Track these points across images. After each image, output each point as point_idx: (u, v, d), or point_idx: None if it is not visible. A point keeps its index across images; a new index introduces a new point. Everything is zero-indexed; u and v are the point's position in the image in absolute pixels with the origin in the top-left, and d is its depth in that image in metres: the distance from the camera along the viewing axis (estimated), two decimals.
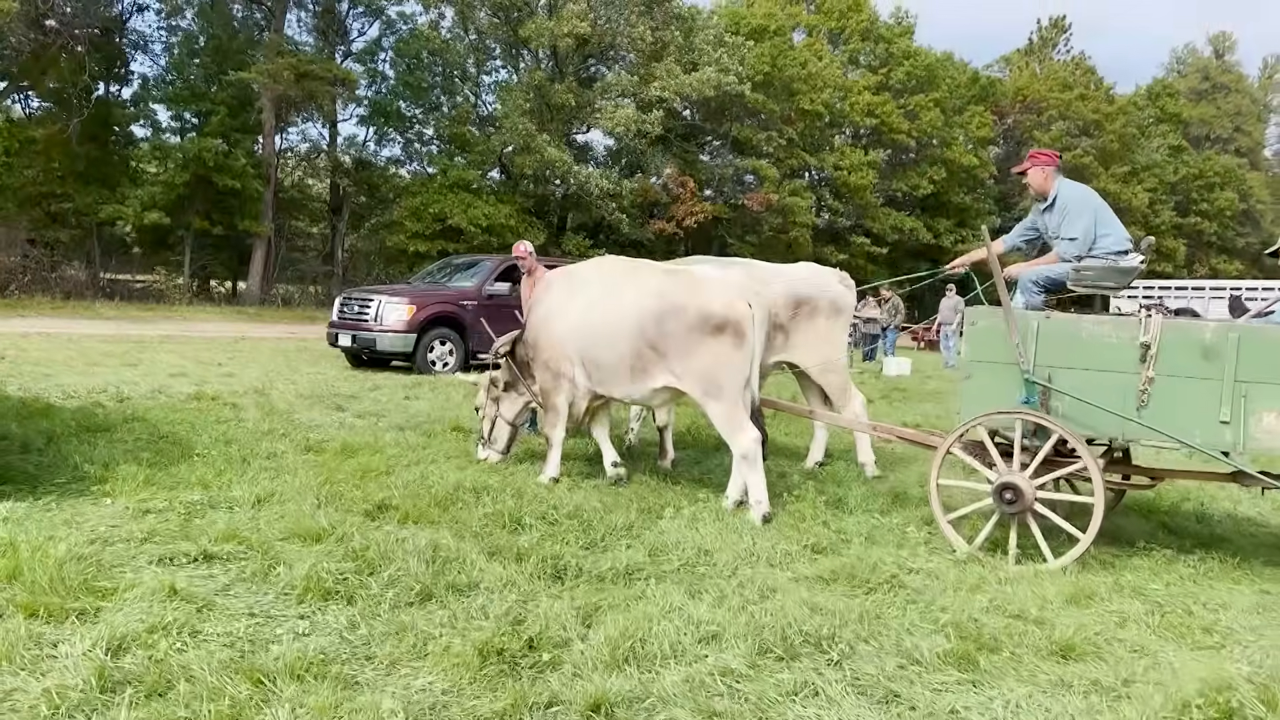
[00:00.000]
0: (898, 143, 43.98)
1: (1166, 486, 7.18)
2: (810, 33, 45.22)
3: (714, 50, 35.34)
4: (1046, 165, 6.26)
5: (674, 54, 34.87)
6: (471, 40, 36.26)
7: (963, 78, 49.99)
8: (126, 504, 5.52)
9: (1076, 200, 6.07)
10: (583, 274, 7.29)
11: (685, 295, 6.43)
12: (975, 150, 47.25)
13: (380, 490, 6.06)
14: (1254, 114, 61.19)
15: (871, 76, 44.57)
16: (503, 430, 7.51)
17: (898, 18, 48.37)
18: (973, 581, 4.82)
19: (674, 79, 33.80)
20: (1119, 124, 51.07)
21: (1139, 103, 55.33)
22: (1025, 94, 50.93)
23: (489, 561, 4.68)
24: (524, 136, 32.32)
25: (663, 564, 4.79)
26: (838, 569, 4.81)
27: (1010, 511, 5.36)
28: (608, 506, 5.91)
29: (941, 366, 21.11)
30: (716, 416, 6.37)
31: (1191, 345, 5.19)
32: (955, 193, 46.96)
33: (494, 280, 15.28)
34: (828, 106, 40.97)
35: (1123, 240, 5.96)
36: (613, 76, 34.01)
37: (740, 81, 34.99)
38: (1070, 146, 49.15)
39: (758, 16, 41.32)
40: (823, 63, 42.02)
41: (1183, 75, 61.27)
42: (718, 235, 39.70)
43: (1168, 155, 53.81)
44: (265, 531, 5.06)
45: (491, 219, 32.10)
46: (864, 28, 46.18)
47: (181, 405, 9.49)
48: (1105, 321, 5.52)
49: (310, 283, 34.14)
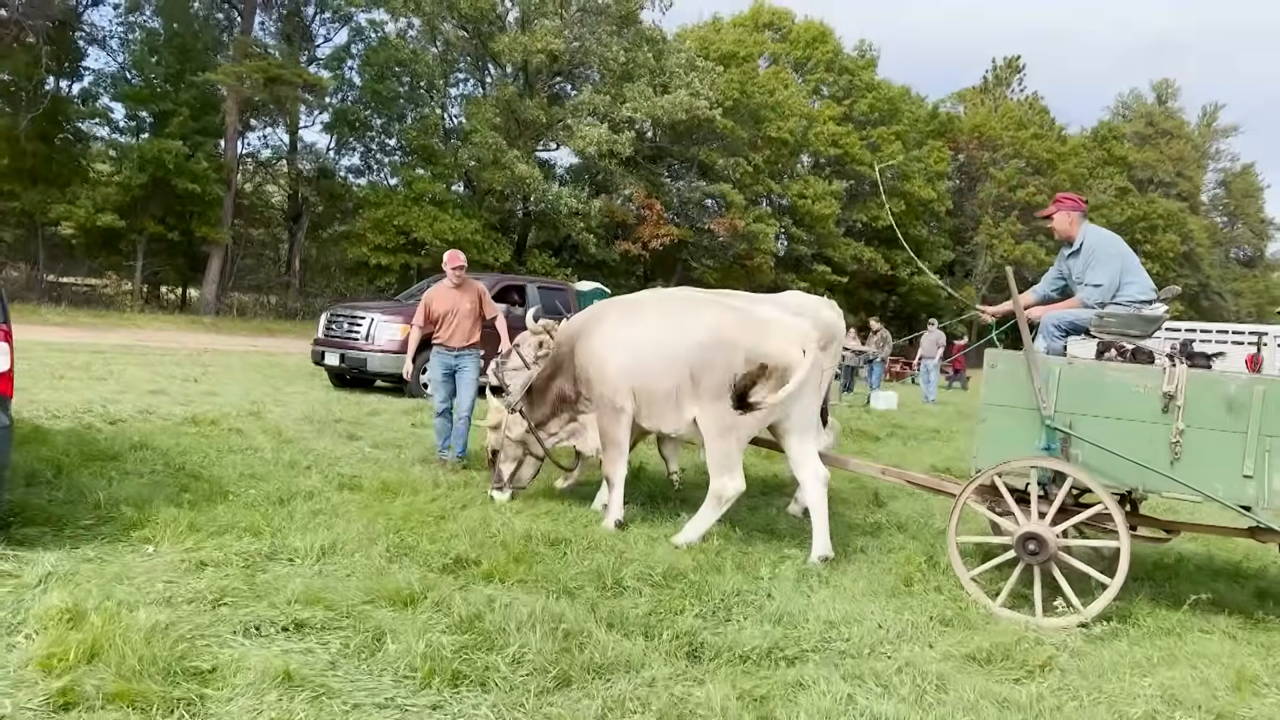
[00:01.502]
0: (859, 174, 44.35)
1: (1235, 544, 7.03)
2: (775, 60, 45.48)
3: (685, 74, 35.24)
4: (1072, 210, 6.14)
5: (646, 76, 34.67)
6: (438, 51, 35.62)
7: (921, 112, 50.80)
8: (175, 554, 4.93)
9: (1103, 247, 5.92)
10: (636, 299, 6.99)
11: (740, 334, 6.13)
12: (932, 184, 47.92)
13: (447, 540, 5.54)
14: (1194, 160, 63.19)
15: (835, 107, 44.96)
16: (530, 468, 7.16)
17: (861, 50, 49.04)
18: (1129, 661, 4.48)
19: (646, 100, 33.57)
20: (1071, 164, 52.32)
21: (1087, 144, 56.77)
22: (981, 131, 51.90)
23: (613, 635, 4.20)
24: (494, 151, 31.78)
25: (799, 640, 4.35)
26: (986, 648, 4.42)
27: (1035, 562, 5.18)
28: (702, 565, 5.46)
29: (921, 400, 21.03)
30: (715, 453, 6.15)
31: (1216, 397, 5.08)
32: (913, 225, 47.51)
33: None
34: (793, 135, 41.15)
35: (1148, 289, 5.86)
36: (585, 95, 33.64)
37: (711, 106, 34.93)
38: (1023, 184, 50.34)
39: (727, 42, 41.47)
40: (789, 91, 42.25)
41: (1128, 120, 63.05)
42: (681, 259, 39.54)
43: (1114, 197, 55.22)
44: (345, 592, 4.52)
45: (458, 234, 31.39)
46: (829, 59, 46.63)
47: (179, 429, 8.81)
48: (1129, 370, 5.37)
49: (266, 292, 33.00)
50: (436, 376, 8.78)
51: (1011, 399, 5.52)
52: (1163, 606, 5.48)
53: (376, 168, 36.33)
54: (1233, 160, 67.37)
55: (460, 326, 8.60)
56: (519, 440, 7.02)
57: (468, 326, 8.63)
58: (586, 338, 6.77)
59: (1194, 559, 6.85)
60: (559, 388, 6.93)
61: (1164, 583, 6.19)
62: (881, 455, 11.66)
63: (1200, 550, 7.14)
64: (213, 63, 28.87)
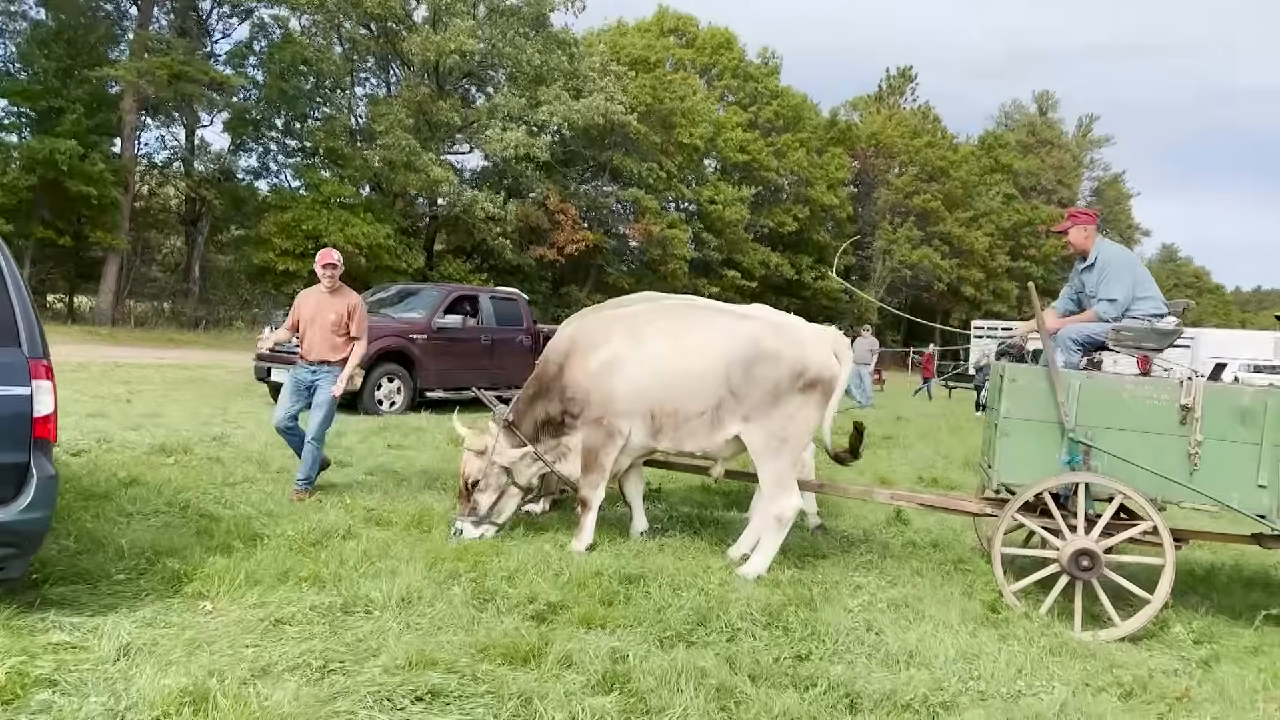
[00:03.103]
0: (767, 180, 44.96)
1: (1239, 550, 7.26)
2: (680, 67, 45.65)
3: (599, 78, 35.02)
4: (1087, 224, 6.31)
5: (560, 79, 34.30)
6: (343, 50, 34.43)
7: (821, 120, 51.87)
8: (240, 611, 4.47)
9: (1117, 262, 6.04)
10: (643, 313, 6.47)
11: (783, 345, 5.96)
12: (833, 190, 48.97)
13: (521, 581, 5.21)
14: (1072, 168, 66.42)
15: (742, 114, 45.46)
16: (513, 501, 6.50)
17: (764, 58, 49.67)
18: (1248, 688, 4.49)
19: (562, 104, 33.20)
20: (963, 171, 54.26)
21: (976, 153, 59.00)
22: (878, 139, 53.30)
23: (761, 689, 3.97)
24: (407, 153, 30.87)
25: (942, 683, 4.20)
26: (1124, 681, 4.38)
27: (1086, 578, 5.27)
28: (792, 600, 5.27)
29: (855, 406, 21.29)
30: (768, 474, 5.95)
31: (1230, 409, 5.25)
32: (817, 231, 48.49)
33: (444, 312, 14.20)
34: (704, 140, 41.40)
35: (1160, 304, 6.00)
36: (500, 98, 33.04)
37: (627, 111, 34.81)
38: (919, 191, 51.94)
39: (637, 47, 41.41)
40: (697, 97, 42.50)
41: (1011, 129, 65.79)
42: (596, 264, 39.30)
43: (1001, 203, 57.55)
44: (453, 649, 4.17)
45: (370, 238, 30.40)
46: (734, 65, 47.11)
47: (154, 460, 8.14)
48: (1146, 382, 5.51)
49: (165, 300, 31.24)
50: (289, 388, 7.52)
51: (1034, 413, 5.56)
52: (1238, 624, 5.56)
53: (278, 169, 34.89)
54: (1105, 169, 71.16)
55: (320, 338, 7.38)
56: (506, 468, 6.40)
57: (329, 340, 7.39)
58: (581, 357, 6.31)
59: (1224, 569, 7.02)
60: (544, 410, 6.45)
61: (1207, 595, 6.30)
62: (854, 467, 11.70)
63: (1228, 560, 7.32)
64: (106, 58, 27.09)
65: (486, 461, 6.39)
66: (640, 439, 6.22)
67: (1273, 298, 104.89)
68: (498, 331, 15.04)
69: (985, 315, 51.86)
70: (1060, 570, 5.38)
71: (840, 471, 10.65)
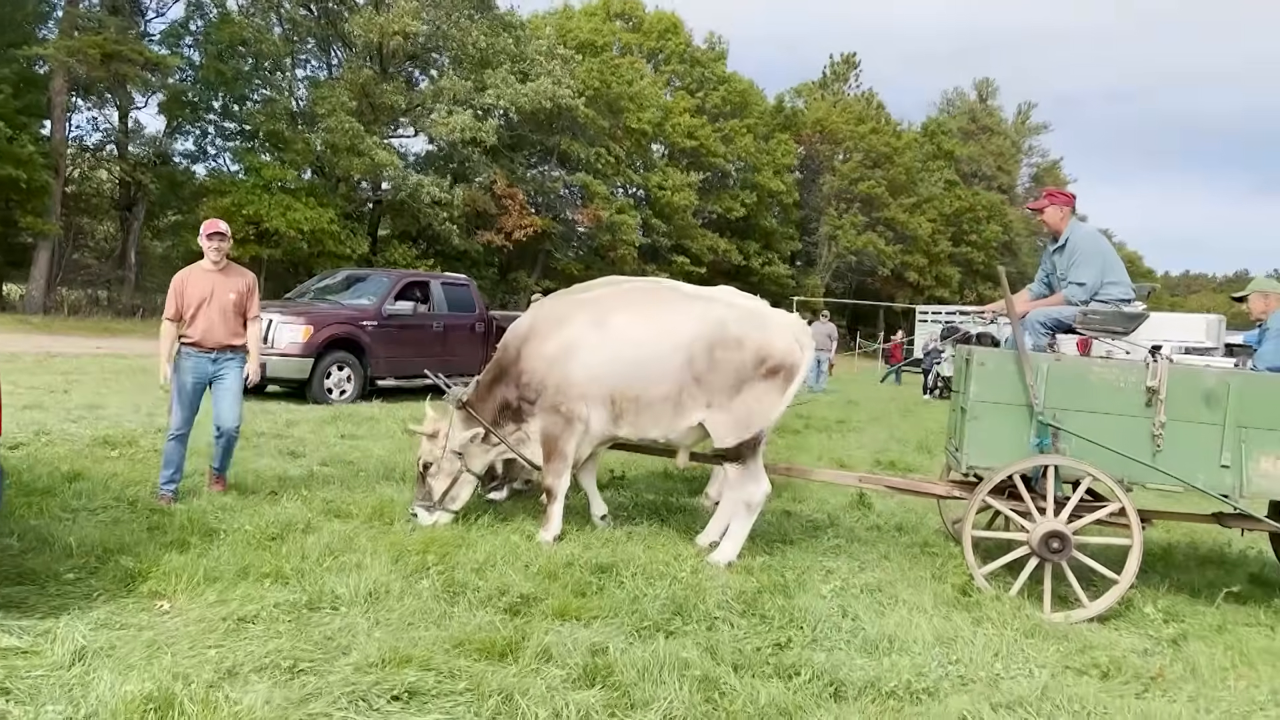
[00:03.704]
0: (714, 165, 44.97)
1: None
2: (627, 51, 45.40)
3: (547, 61, 34.66)
4: (1064, 205, 6.28)
5: (506, 63, 33.86)
6: (283, 31, 33.58)
7: (767, 106, 52.01)
8: (200, 610, 4.29)
9: (1087, 246, 6.08)
10: (605, 297, 6.35)
11: (747, 330, 5.90)
12: (780, 176, 49.18)
13: (491, 572, 5.09)
14: (1011, 155, 67.52)
15: (689, 99, 45.37)
16: (468, 487, 6.39)
17: (711, 43, 49.61)
18: (1217, 665, 4.55)
19: (509, 88, 32.79)
20: (906, 158, 54.82)
21: (919, 139, 59.66)
22: (824, 125, 53.58)
23: (745, 679, 3.91)
24: (350, 136, 30.24)
25: (922, 668, 4.18)
26: (1100, 662, 4.40)
27: (1056, 560, 5.31)
28: (767, 587, 5.23)
29: (808, 390, 21.42)
30: (733, 459, 5.90)
31: (1194, 390, 5.33)
32: (764, 216, 48.67)
33: (394, 299, 13.92)
34: (652, 125, 41.25)
35: (1128, 289, 6.06)
36: (446, 81, 32.51)
37: (575, 95, 34.52)
38: (865, 177, 52.37)
39: (584, 31, 41.06)
40: (645, 81, 42.31)
41: (952, 116, 66.64)
42: (544, 250, 38.99)
43: (944, 189, 58.31)
44: (428, 645, 4.04)
45: (313, 223, 29.76)
46: (681, 50, 46.97)
47: (98, 452, 7.85)
48: (1113, 365, 5.58)
49: (100, 288, 30.25)
50: (184, 387, 6.52)
51: (1003, 396, 5.57)
52: (1200, 601, 5.65)
53: (216, 153, 33.94)
54: (1043, 155, 72.42)
55: (220, 321, 6.50)
56: (459, 452, 6.30)
57: (231, 323, 6.57)
58: (539, 341, 6.21)
59: (1180, 548, 7.14)
60: (502, 396, 6.34)
61: (1166, 573, 6.39)
62: (810, 449, 11.76)
63: (1182, 539, 7.46)
64: (35, 36, 26.06)
65: (438, 445, 6.30)
66: (600, 426, 6.12)
67: (1200, 282, 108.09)
68: (449, 318, 14.80)
69: (928, 300, 52.52)
70: (1030, 553, 5.41)
71: (800, 455, 10.75)
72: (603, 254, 39.70)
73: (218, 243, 6.61)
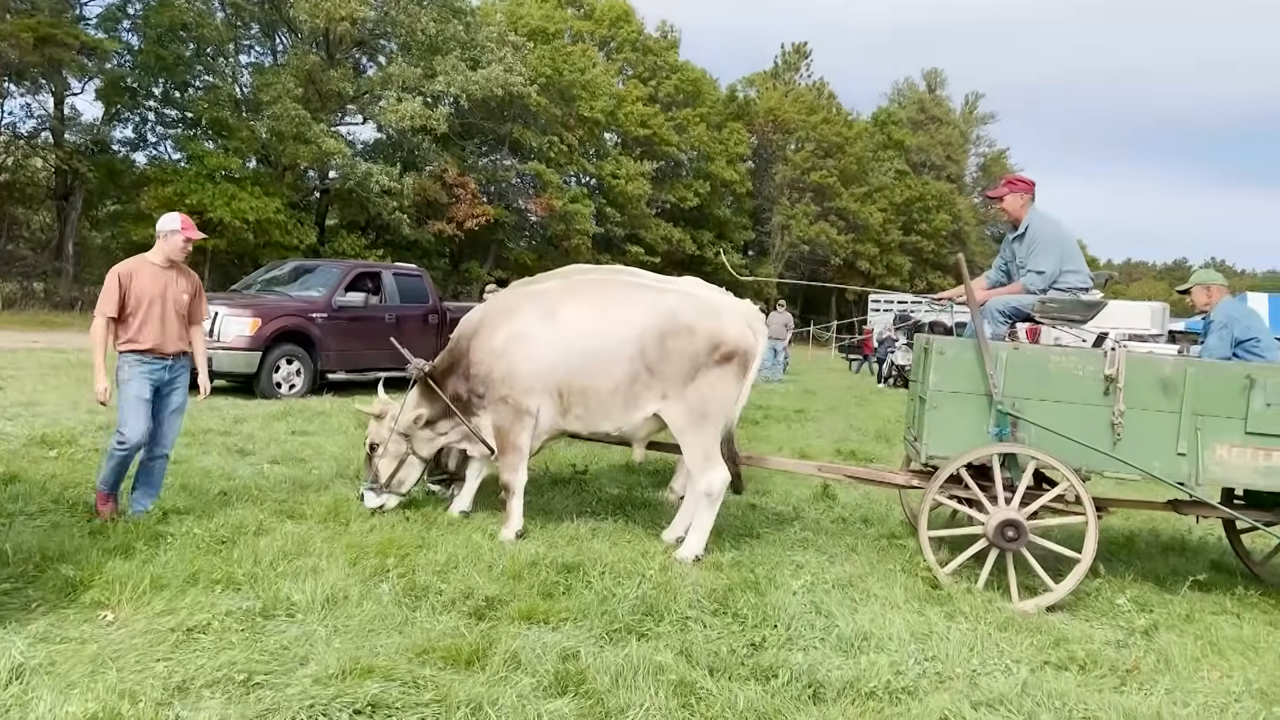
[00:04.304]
0: (668, 155, 44.84)
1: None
2: (578, 39, 45.04)
3: (498, 48, 34.21)
4: (1024, 193, 6.22)
5: (456, 50, 33.35)
6: (226, 16, 32.69)
7: (720, 95, 51.99)
8: (146, 620, 4.07)
9: (1047, 234, 6.05)
10: (554, 289, 6.24)
11: (698, 318, 5.81)
12: (733, 165, 49.21)
13: (454, 574, 4.92)
14: (960, 145, 68.29)
15: (642, 87, 45.16)
16: (414, 470, 6.37)
17: (663, 31, 49.45)
18: (1189, 655, 4.54)
19: (459, 75, 32.30)
20: (857, 147, 55.18)
21: (869, 129, 60.08)
22: (776, 114, 53.71)
23: (721, 681, 3.79)
24: (297, 124, 29.57)
25: (900, 666, 4.09)
26: (1077, 656, 4.34)
27: (1012, 549, 5.29)
28: (738, 585, 5.11)
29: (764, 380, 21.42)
30: (692, 449, 5.82)
31: (1151, 379, 5.34)
32: (717, 206, 48.68)
33: (345, 290, 13.58)
34: (605, 114, 40.99)
35: (1086, 277, 6.06)
36: (395, 68, 31.92)
37: (527, 83, 34.13)
38: (816, 167, 52.63)
39: (535, 17, 40.62)
40: (597, 69, 42.01)
41: (902, 106, 67.20)
42: (497, 240, 38.59)
43: (894, 179, 58.81)
44: (390, 653, 3.87)
45: (259, 213, 29.08)
46: (633, 38, 46.72)
47: (34, 452, 7.52)
48: (1071, 354, 5.58)
49: (35, 280, 29.28)
50: (141, 397, 5.74)
51: (962, 385, 5.54)
52: (1165, 590, 5.67)
53: (157, 140, 32.96)
54: (990, 145, 73.36)
55: (173, 325, 5.84)
56: (406, 434, 6.27)
57: (180, 327, 5.90)
58: (488, 333, 6.13)
59: (1142, 536, 7.18)
60: (453, 386, 6.26)
61: (1130, 562, 6.41)
62: (771, 439, 11.71)
63: (1143, 527, 7.50)
64: None
65: (385, 426, 6.30)
66: (549, 419, 6.02)
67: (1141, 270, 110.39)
68: (402, 309, 14.49)
69: (885, 288, 52.96)
70: (988, 543, 5.36)
71: (761, 446, 10.68)
72: (556, 244, 39.41)
73: (187, 245, 5.97)
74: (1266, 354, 6.01)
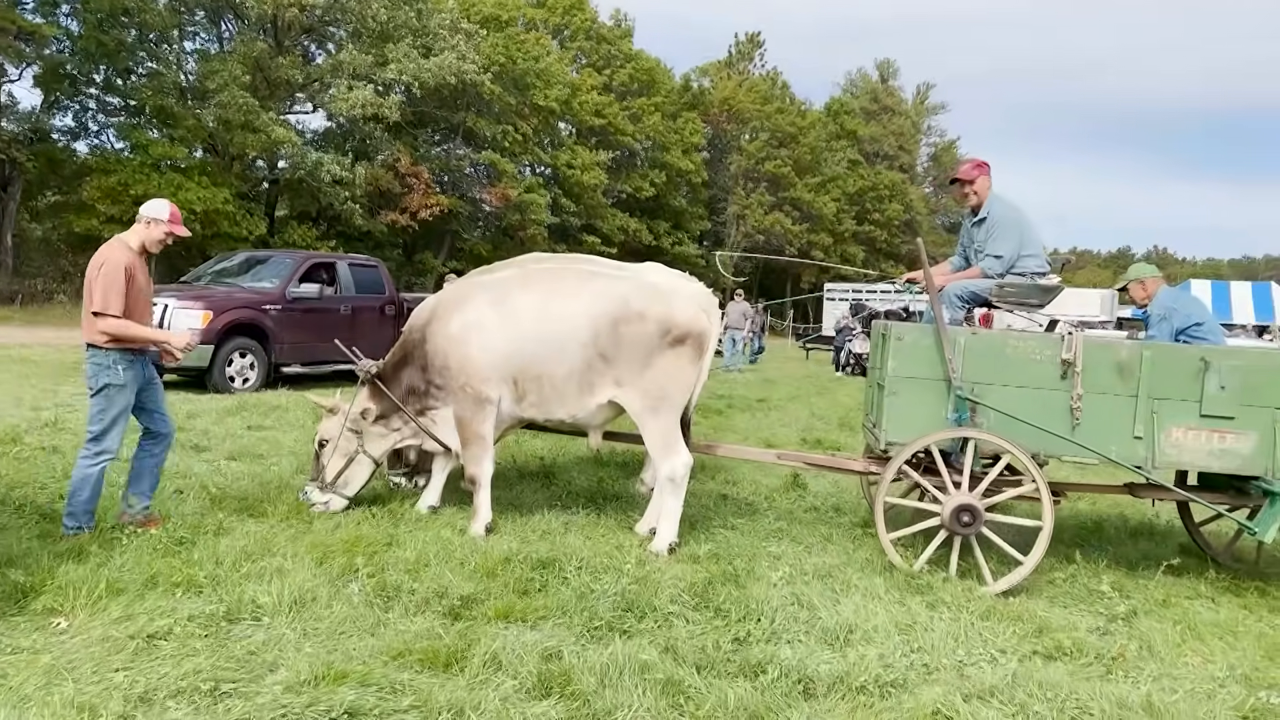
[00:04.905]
0: (623, 144, 44.61)
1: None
2: (532, 26, 44.56)
3: (451, 36, 33.70)
4: (988, 175, 6.22)
5: (408, 36, 32.80)
6: (169, 0, 31.79)
7: (674, 84, 51.83)
8: (103, 627, 3.87)
9: (1006, 219, 6.04)
10: (508, 277, 6.13)
11: (648, 303, 5.75)
12: (689, 155, 49.13)
13: (424, 572, 4.77)
14: (911, 135, 68.86)
15: (596, 76, 44.86)
16: (362, 470, 6.18)
17: (617, 19, 49.14)
18: (1170, 641, 4.53)
19: (411, 63, 31.77)
20: (811, 137, 55.39)
21: (822, 119, 60.32)
22: (730, 104, 53.70)
23: (708, 679, 3.69)
24: (245, 112, 28.88)
25: (888, 659, 4.03)
26: (1063, 645, 4.30)
27: (967, 534, 5.29)
28: (716, 577, 5.01)
29: (723, 370, 21.39)
30: (652, 434, 5.76)
31: (1109, 363, 5.36)
32: (673, 196, 48.59)
33: (298, 281, 13.27)
34: (560, 103, 40.64)
35: (1043, 261, 6.08)
36: (345, 55, 31.30)
37: (480, 71, 33.70)
38: (771, 157, 52.74)
39: (488, 5, 40.10)
40: (551, 58, 41.62)
41: (855, 96, 67.58)
42: (451, 230, 38.13)
43: (847, 168, 59.15)
44: (364, 656, 3.72)
45: (207, 204, 28.38)
46: (586, 27, 46.37)
47: None
48: (1029, 338, 5.58)
49: None
50: (130, 405, 5.38)
51: (920, 371, 5.51)
52: (1138, 575, 5.68)
53: (99, 129, 32.03)
54: (941, 135, 74.09)
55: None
56: (356, 429, 6.11)
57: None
58: (442, 321, 6.03)
59: (1110, 520, 7.21)
60: (407, 378, 6.17)
61: (1100, 547, 6.42)
62: (736, 429, 11.65)
63: (1110, 511, 7.53)
64: None
65: (336, 422, 6.14)
66: (506, 407, 5.94)
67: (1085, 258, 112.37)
68: (358, 300, 14.21)
69: (834, 279, 53.25)
70: (943, 527, 5.34)
71: (727, 436, 10.61)
72: (511, 234, 39.03)
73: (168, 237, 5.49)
74: (1209, 337, 6.06)
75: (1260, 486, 5.36)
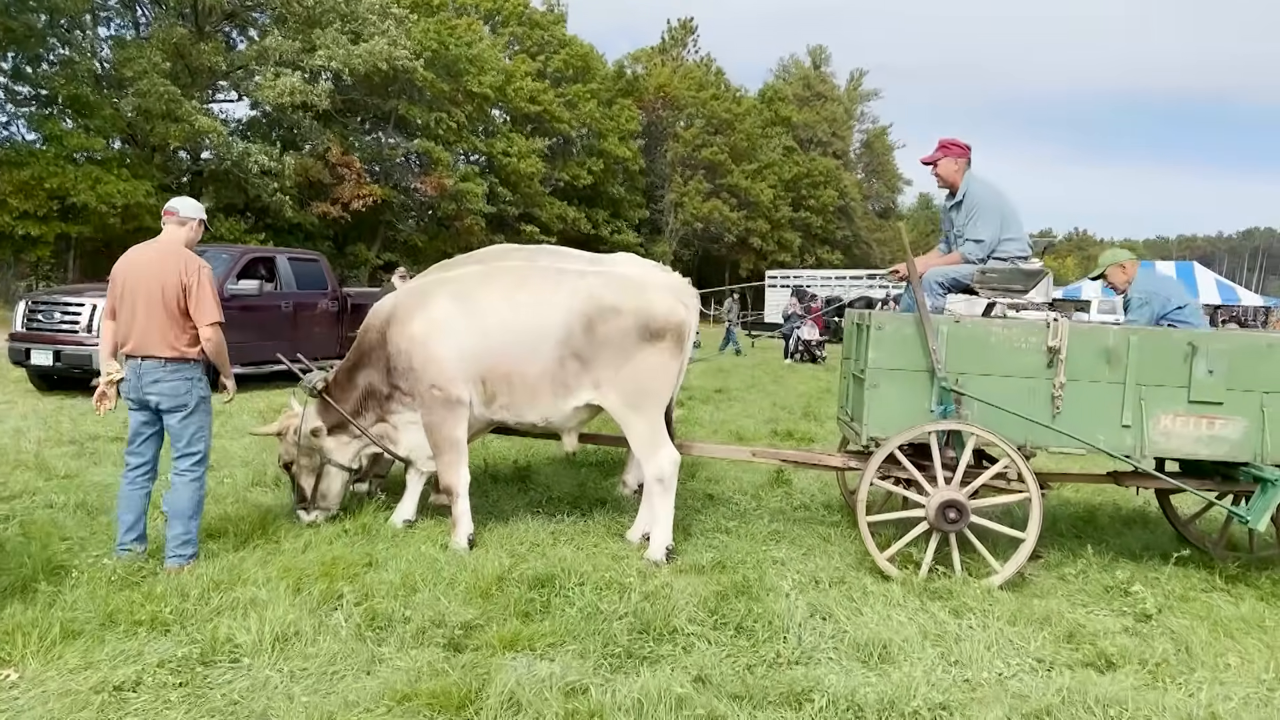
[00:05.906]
0: (559, 131, 43.99)
1: None
2: (463, 11, 43.62)
3: (380, 21, 32.74)
4: (959, 157, 5.96)
5: (336, 21, 31.76)
6: None
7: (609, 71, 51.32)
8: (61, 678, 3.40)
9: (985, 201, 5.83)
10: (472, 273, 5.76)
11: (623, 297, 5.44)
12: (625, 142, 48.68)
13: (413, 598, 4.36)
14: (844, 121, 69.31)
15: (530, 62, 44.13)
16: (336, 481, 5.85)
17: (550, 5, 48.39)
18: (1199, 641, 4.34)
19: (340, 49, 30.79)
20: (746, 124, 55.36)
21: (757, 106, 60.33)
22: (666, 91, 53.35)
23: (748, 709, 3.38)
24: (165, 101, 27.67)
25: (929, 677, 3.76)
26: (1106, 653, 4.08)
27: (955, 530, 5.08)
28: (729, 591, 4.70)
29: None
30: (637, 433, 5.49)
31: (1096, 350, 5.22)
32: (611, 184, 48.12)
33: (236, 277, 12.60)
34: (494, 90, 39.86)
35: (1025, 245, 5.90)
36: (271, 41, 30.19)
37: (412, 57, 32.82)
38: (707, 144, 52.56)
39: None
40: (484, 44, 40.80)
41: (789, 82, 67.75)
42: (385, 220, 37.18)
43: (782, 155, 59.25)
44: (367, 701, 3.33)
45: (128, 197, 27.17)
46: (519, 12, 45.58)
47: None
48: (1013, 325, 5.40)
49: None
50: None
51: (903, 362, 5.30)
52: (1144, 567, 5.53)
53: (8, 120, 30.42)
54: (873, 122, 74.79)
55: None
56: (310, 448, 5.77)
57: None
58: (403, 321, 5.64)
59: (1103, 510, 7.08)
60: (366, 382, 5.79)
61: (1101, 539, 6.27)
62: (702, 422, 11.37)
63: (1104, 501, 7.41)
64: None
65: (289, 443, 5.81)
66: (474, 410, 5.58)
67: None
68: (299, 296, 13.57)
69: (772, 265, 53.39)
70: (929, 526, 5.12)
71: (695, 429, 10.32)
72: (448, 224, 38.23)
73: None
74: (1191, 319, 5.93)
75: (1249, 473, 5.24)
